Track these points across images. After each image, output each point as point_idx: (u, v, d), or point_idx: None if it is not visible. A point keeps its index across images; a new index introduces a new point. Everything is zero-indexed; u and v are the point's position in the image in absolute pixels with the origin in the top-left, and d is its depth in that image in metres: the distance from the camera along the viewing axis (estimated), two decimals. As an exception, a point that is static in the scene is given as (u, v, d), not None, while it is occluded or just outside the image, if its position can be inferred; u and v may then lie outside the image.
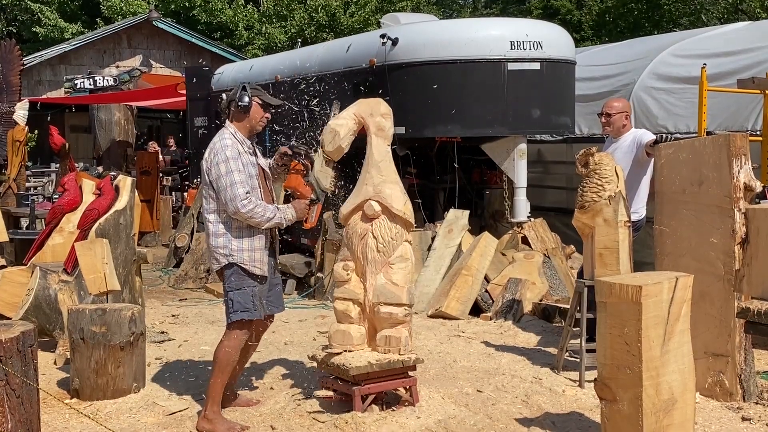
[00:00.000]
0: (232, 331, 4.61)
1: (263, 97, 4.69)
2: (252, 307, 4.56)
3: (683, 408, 3.80)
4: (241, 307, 4.55)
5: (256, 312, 4.57)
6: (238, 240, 4.53)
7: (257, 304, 4.57)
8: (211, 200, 4.58)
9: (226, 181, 4.45)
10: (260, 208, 4.48)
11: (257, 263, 4.56)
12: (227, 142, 4.54)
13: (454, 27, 8.92)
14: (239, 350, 4.63)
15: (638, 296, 3.63)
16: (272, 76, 10.41)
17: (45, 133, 13.03)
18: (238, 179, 4.45)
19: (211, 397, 4.56)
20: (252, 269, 4.55)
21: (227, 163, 4.47)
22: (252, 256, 4.55)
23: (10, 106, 12.03)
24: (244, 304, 4.54)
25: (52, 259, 6.63)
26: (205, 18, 22.48)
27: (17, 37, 19.49)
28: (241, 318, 4.56)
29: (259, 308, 4.59)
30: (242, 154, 4.55)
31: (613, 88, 9.96)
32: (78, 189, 7.08)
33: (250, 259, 4.55)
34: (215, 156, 4.52)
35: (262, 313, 4.63)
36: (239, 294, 4.55)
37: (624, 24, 24.23)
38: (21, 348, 3.79)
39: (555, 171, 10.68)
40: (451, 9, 36.48)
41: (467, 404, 4.89)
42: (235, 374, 4.84)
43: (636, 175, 5.88)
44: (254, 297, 4.56)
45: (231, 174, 4.45)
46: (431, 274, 7.90)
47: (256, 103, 4.63)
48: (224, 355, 4.58)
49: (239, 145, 4.57)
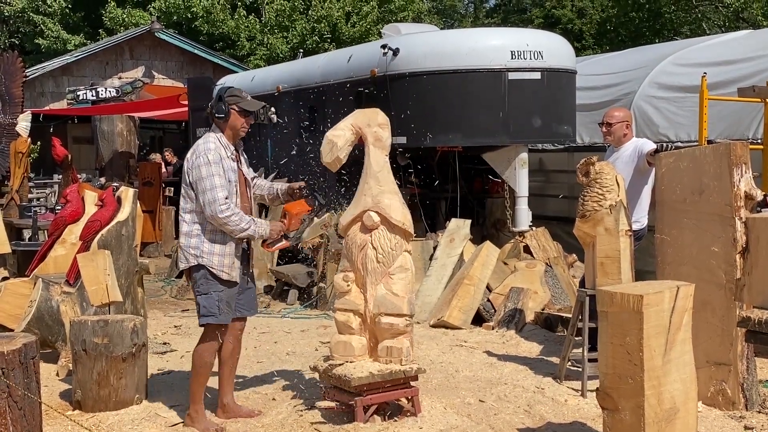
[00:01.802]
0: (203, 335, 4.74)
1: (241, 104, 4.68)
2: (217, 311, 4.62)
3: (685, 417, 3.80)
4: (206, 312, 4.64)
5: (221, 317, 4.64)
6: (210, 243, 4.60)
7: (223, 308, 4.63)
8: (189, 200, 4.64)
9: (206, 184, 4.51)
10: (237, 216, 4.53)
11: (225, 268, 4.61)
12: (210, 146, 4.59)
13: (454, 37, 8.96)
14: (212, 353, 4.72)
15: (640, 305, 3.63)
16: (274, 86, 10.44)
17: (47, 145, 13.03)
18: (218, 183, 4.51)
19: (191, 397, 4.73)
20: (220, 274, 4.61)
21: (209, 166, 4.53)
22: (221, 261, 4.60)
23: (12, 117, 12.07)
24: (210, 309, 4.62)
25: (55, 271, 6.64)
26: (208, 29, 22.52)
27: (20, 49, 19.56)
28: (207, 323, 4.66)
29: (225, 313, 4.65)
30: (224, 160, 4.59)
31: (614, 97, 9.97)
32: (80, 200, 7.10)
33: (219, 264, 4.60)
34: (197, 158, 4.57)
35: (228, 317, 4.69)
36: (205, 299, 4.63)
37: (625, 33, 24.28)
38: (23, 360, 3.80)
39: (556, 180, 10.69)
40: (452, 19, 36.60)
41: (469, 414, 4.88)
42: (225, 380, 4.90)
43: (637, 185, 5.88)
44: (220, 302, 4.62)
45: (212, 178, 4.51)
46: (433, 283, 7.90)
47: (233, 111, 4.66)
48: (197, 358, 4.72)
49: (222, 150, 4.61)
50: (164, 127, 19.60)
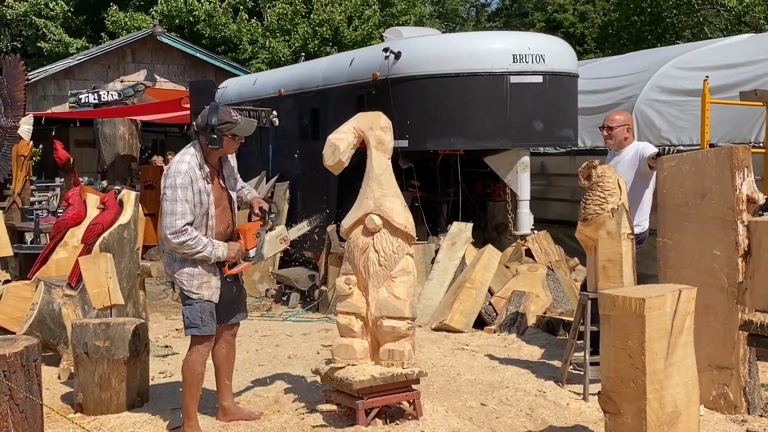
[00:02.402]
0: (190, 347, 4.69)
1: (234, 130, 4.57)
2: (200, 323, 4.58)
3: (687, 421, 3.80)
4: (189, 323, 4.60)
5: (204, 328, 4.59)
6: (181, 262, 4.55)
7: (206, 319, 4.58)
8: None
9: (167, 208, 4.44)
10: (193, 241, 4.43)
11: (194, 288, 4.56)
12: (182, 167, 4.47)
13: (456, 41, 8.96)
14: (202, 363, 4.65)
15: (641, 309, 3.63)
16: (276, 90, 10.43)
17: (49, 148, 13.06)
18: (179, 210, 4.41)
19: (185, 412, 4.65)
20: (189, 294, 4.56)
21: (174, 190, 4.43)
22: (191, 281, 4.56)
23: (15, 120, 12.07)
24: (193, 321, 4.58)
25: (57, 274, 6.64)
26: (210, 32, 22.56)
27: (22, 53, 19.59)
28: (191, 333, 4.63)
29: (208, 323, 4.60)
30: (196, 182, 4.48)
31: (616, 100, 9.97)
32: (82, 203, 7.11)
33: (188, 284, 4.56)
34: (167, 179, 4.49)
35: (212, 329, 4.63)
36: (188, 309, 4.59)
37: (627, 37, 24.30)
38: (25, 362, 3.80)
39: (558, 183, 10.68)
40: (454, 23, 36.64)
41: (471, 418, 4.88)
42: (222, 384, 4.89)
43: (639, 188, 5.88)
44: (202, 313, 4.57)
45: (175, 204, 4.42)
46: (435, 287, 7.90)
47: (227, 138, 4.56)
48: (187, 370, 4.64)
49: (196, 171, 4.50)
50: (166, 130, 19.63)
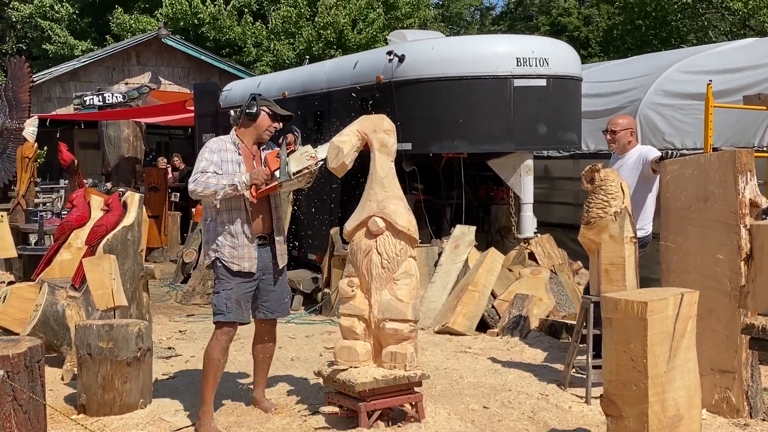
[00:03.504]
0: (213, 333, 4.79)
1: (272, 107, 4.87)
2: (225, 309, 4.69)
3: (689, 424, 3.80)
4: (216, 310, 4.73)
5: (230, 315, 4.69)
6: (223, 236, 4.70)
7: (231, 306, 4.68)
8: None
9: (194, 168, 4.67)
10: (212, 179, 4.57)
11: (235, 260, 4.69)
12: (214, 140, 4.80)
13: (460, 44, 8.96)
14: (221, 351, 4.74)
15: (644, 312, 3.64)
16: (280, 92, 10.45)
17: (54, 150, 13.09)
18: (202, 166, 4.62)
19: (202, 396, 4.75)
20: (230, 265, 4.68)
21: (203, 153, 4.70)
22: (232, 252, 4.69)
23: (19, 122, 12.09)
24: (219, 307, 4.70)
25: (60, 275, 6.66)
26: (214, 35, 22.57)
27: (27, 54, 19.59)
28: (217, 320, 4.73)
29: (234, 311, 4.70)
30: (224, 152, 4.71)
31: (619, 104, 9.97)
32: (86, 205, 7.12)
33: (230, 255, 4.69)
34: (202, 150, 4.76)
35: (238, 316, 4.73)
36: (216, 297, 4.73)
37: (631, 41, 24.27)
38: (28, 363, 3.82)
39: (561, 187, 10.68)
40: (458, 26, 36.66)
41: (473, 420, 4.88)
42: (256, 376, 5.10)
43: (642, 192, 5.88)
44: (228, 300, 4.69)
45: (199, 163, 4.65)
46: (438, 290, 7.90)
47: (264, 112, 4.81)
48: (205, 356, 4.76)
49: (228, 143, 4.77)
50: (170, 132, 19.65)
